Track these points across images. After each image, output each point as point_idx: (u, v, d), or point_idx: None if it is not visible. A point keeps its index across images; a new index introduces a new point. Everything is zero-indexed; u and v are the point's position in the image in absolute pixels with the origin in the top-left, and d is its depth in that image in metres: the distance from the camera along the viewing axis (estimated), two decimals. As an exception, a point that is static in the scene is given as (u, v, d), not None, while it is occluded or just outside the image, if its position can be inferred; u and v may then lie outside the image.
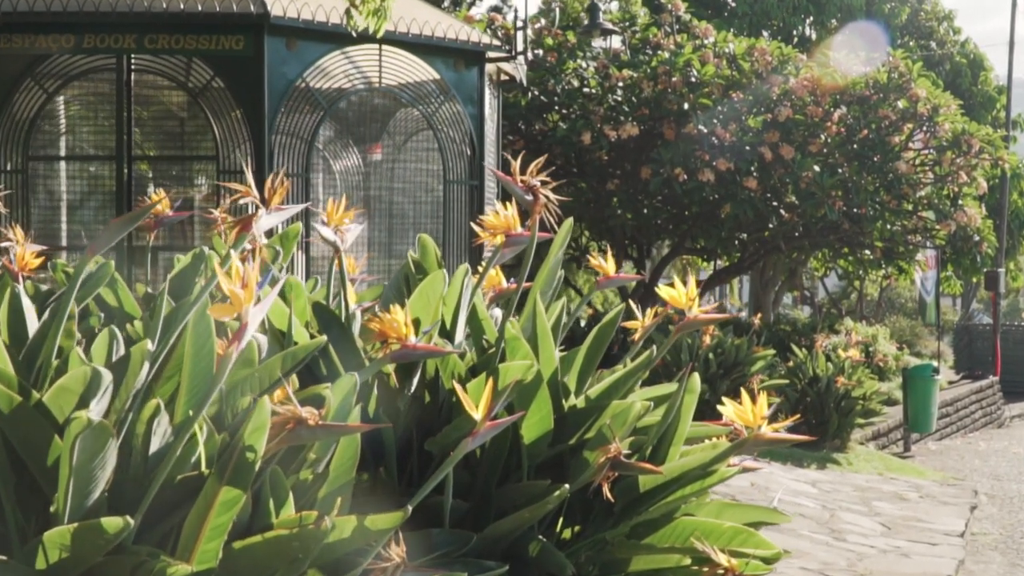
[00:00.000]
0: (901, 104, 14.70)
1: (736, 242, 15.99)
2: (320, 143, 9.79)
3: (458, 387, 2.62)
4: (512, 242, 3.75)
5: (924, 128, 15.08)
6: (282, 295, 3.76)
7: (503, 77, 9.77)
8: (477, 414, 2.61)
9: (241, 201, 2.39)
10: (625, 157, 14.73)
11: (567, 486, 2.89)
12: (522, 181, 3.24)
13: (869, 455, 12.04)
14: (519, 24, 8.56)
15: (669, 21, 16.00)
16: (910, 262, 18.25)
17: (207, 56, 7.64)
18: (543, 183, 3.24)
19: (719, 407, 3.13)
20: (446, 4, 20.58)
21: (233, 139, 7.73)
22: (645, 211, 15.16)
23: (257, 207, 2.42)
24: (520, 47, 8.56)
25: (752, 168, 14.20)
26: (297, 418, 2.28)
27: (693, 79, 14.58)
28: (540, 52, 14.81)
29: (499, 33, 15.10)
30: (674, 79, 14.43)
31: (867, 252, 17.32)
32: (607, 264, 3.85)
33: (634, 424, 3.06)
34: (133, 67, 7.84)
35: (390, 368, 3.37)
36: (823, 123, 14.51)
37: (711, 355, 11.23)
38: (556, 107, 14.78)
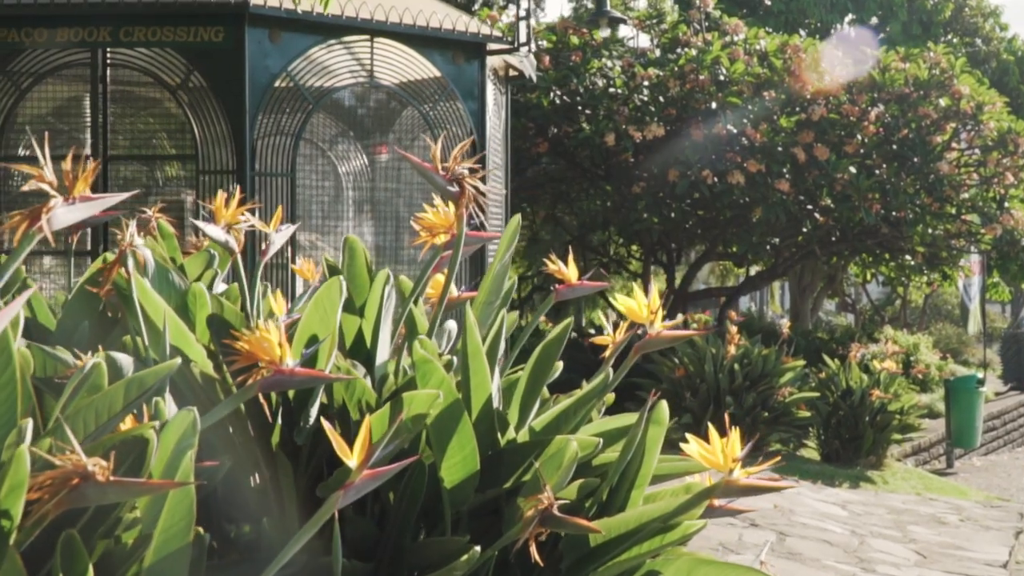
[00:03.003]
0: (943, 102, 13.99)
1: (768, 247, 15.32)
2: (324, 143, 9.28)
3: (326, 424, 2.06)
4: (455, 243, 3.21)
5: (968, 127, 14.36)
6: (186, 307, 3.25)
7: (512, 73, 9.21)
8: (352, 460, 2.05)
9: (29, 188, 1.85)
10: (651, 159, 14.13)
11: (477, 549, 2.33)
12: (444, 169, 2.69)
13: (907, 473, 11.36)
14: (522, 14, 8.00)
15: (698, 18, 15.38)
16: (954, 267, 17.52)
17: (185, 49, 7.15)
18: (471, 171, 2.69)
19: (682, 445, 2.56)
20: (476, 7, 20.07)
21: (213, 137, 7.23)
22: (673, 215, 14.54)
23: (51, 196, 1.88)
24: (523, 38, 7.99)
25: (784, 170, 13.56)
26: (81, 472, 1.73)
27: (722, 77, 13.96)
28: (544, 45, 14.22)
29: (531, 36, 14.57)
30: (702, 77, 13.81)
31: (908, 257, 16.62)
32: (568, 269, 3.28)
33: (571, 466, 2.49)
34: (109, 62, 7.36)
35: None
36: (860, 122, 13.83)
37: (736, 366, 10.60)
38: (580, 107, 14.20)
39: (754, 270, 18.80)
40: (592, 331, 13.91)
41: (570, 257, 3.31)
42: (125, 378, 2.27)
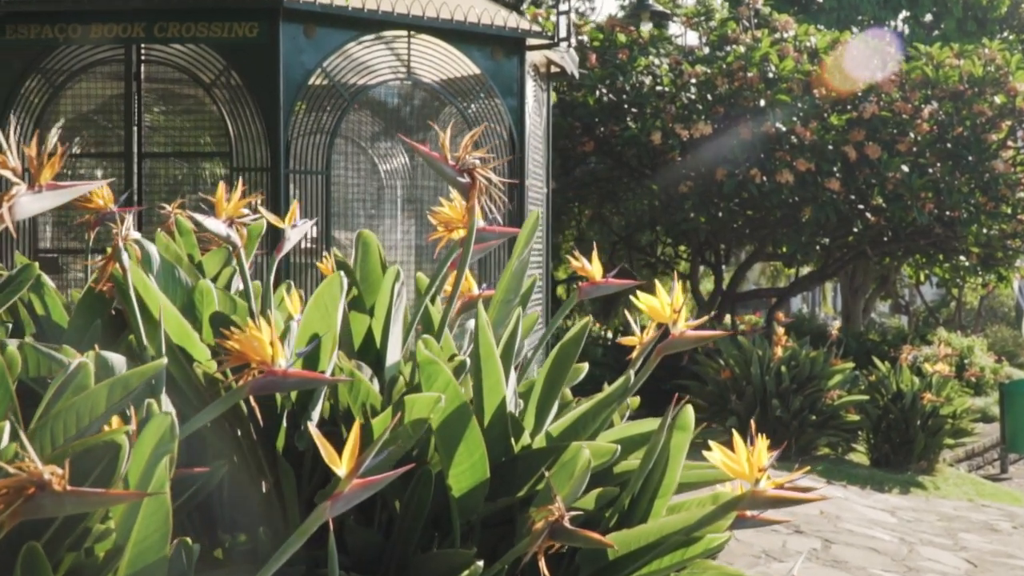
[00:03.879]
0: (998, 99, 13.65)
1: (818, 247, 15.05)
2: (365, 141, 9.16)
3: (314, 430, 1.92)
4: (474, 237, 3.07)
5: (1024, 124, 14.03)
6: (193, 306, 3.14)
7: (553, 70, 9.05)
8: (341, 468, 1.91)
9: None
10: (699, 157, 13.92)
11: (480, 563, 2.18)
12: (455, 159, 2.54)
13: (959, 478, 11.07)
14: (562, 8, 7.83)
15: (747, 15, 15.13)
16: (1009, 268, 17.14)
17: (219, 45, 7.06)
18: (482, 161, 2.54)
19: (705, 453, 2.40)
20: (525, 5, 19.90)
21: (248, 134, 7.13)
22: (720, 214, 14.32)
23: (13, 184, 1.76)
24: (563, 33, 7.83)
25: (835, 168, 13.31)
26: (37, 482, 1.60)
27: (771, 74, 13.70)
28: (587, 41, 14.05)
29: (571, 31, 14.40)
30: (750, 75, 13.57)
31: (962, 258, 16.27)
32: (592, 267, 3.13)
33: (584, 475, 2.33)
34: (143, 58, 7.28)
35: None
36: (912, 120, 13.52)
37: (783, 368, 10.37)
38: (626, 106, 14.02)
39: (805, 270, 18.52)
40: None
41: (594, 254, 3.16)
42: (108, 380, 2.15)
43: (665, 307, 2.60)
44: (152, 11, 7.08)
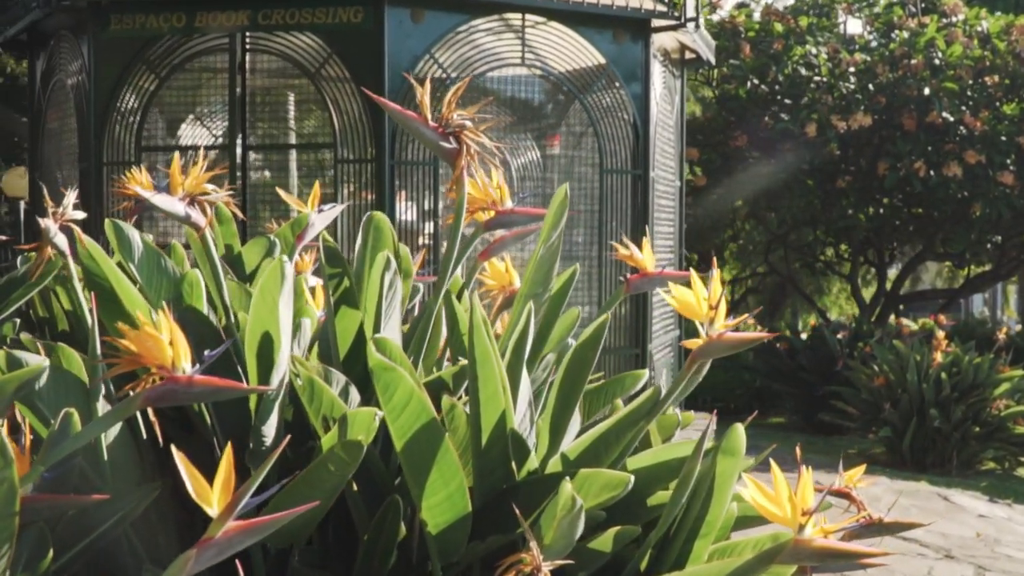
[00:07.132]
0: None
1: (990, 245, 14.06)
2: (488, 133, 8.75)
3: (176, 452, 1.49)
4: (501, 222, 2.62)
5: None
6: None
7: (688, 55, 8.48)
8: (212, 507, 1.48)
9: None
10: (858, 151, 13.12)
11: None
12: (438, 120, 2.08)
13: None
14: (690, -16, 7.25)
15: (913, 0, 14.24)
16: None
17: (323, 31, 6.74)
18: (473, 122, 2.07)
19: (739, 489, 1.89)
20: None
21: (352, 123, 6.79)
22: (882, 211, 13.49)
23: None
24: (691, 13, 7.25)
25: (1008, 161, 12.38)
26: None
27: (937, 61, 12.82)
28: (739, 31, 13.42)
29: (715, 20, 13.79)
30: (914, 62, 12.72)
31: None
32: (643, 256, 2.63)
33: (572, 515, 1.84)
34: (247, 47, 7.03)
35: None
36: (1096, 109, 12.50)
37: (943, 374, 9.56)
38: (780, 97, 13.32)
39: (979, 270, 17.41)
40: (789, 334, 12.95)
41: (645, 240, 2.66)
42: (-19, 385, 1.77)
43: (701, 303, 2.09)
44: (256, -1, 6.82)
